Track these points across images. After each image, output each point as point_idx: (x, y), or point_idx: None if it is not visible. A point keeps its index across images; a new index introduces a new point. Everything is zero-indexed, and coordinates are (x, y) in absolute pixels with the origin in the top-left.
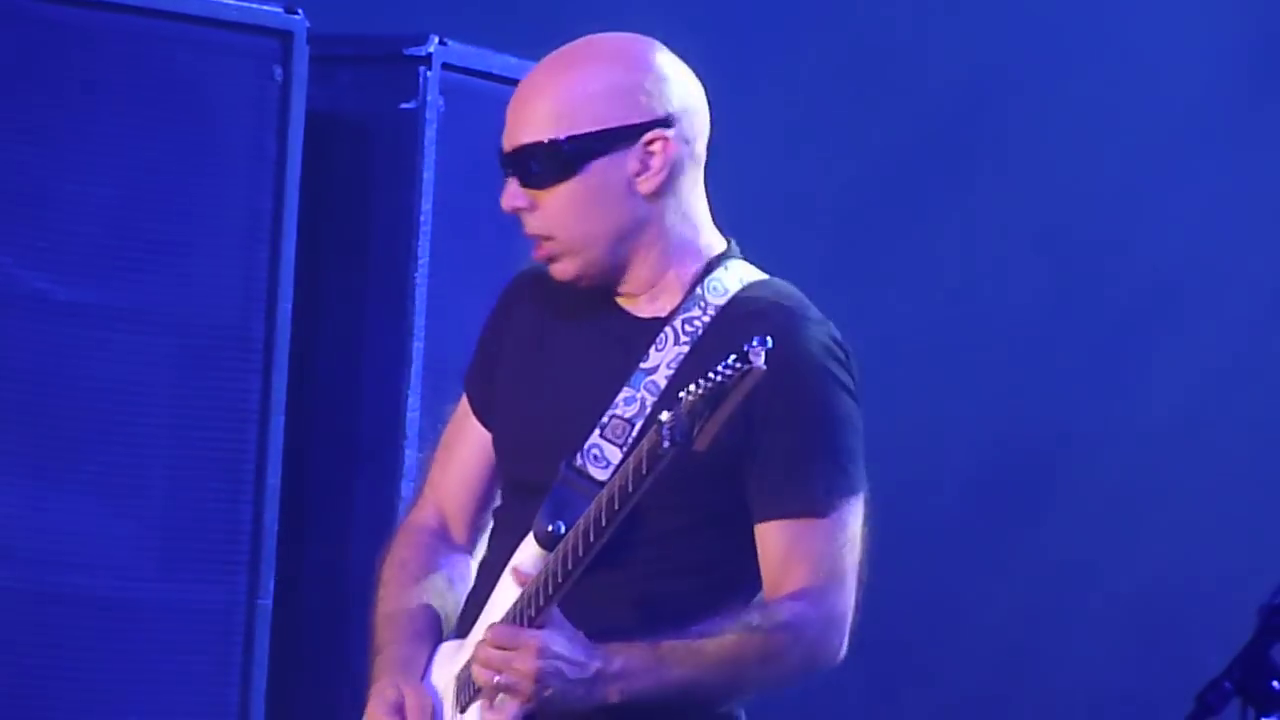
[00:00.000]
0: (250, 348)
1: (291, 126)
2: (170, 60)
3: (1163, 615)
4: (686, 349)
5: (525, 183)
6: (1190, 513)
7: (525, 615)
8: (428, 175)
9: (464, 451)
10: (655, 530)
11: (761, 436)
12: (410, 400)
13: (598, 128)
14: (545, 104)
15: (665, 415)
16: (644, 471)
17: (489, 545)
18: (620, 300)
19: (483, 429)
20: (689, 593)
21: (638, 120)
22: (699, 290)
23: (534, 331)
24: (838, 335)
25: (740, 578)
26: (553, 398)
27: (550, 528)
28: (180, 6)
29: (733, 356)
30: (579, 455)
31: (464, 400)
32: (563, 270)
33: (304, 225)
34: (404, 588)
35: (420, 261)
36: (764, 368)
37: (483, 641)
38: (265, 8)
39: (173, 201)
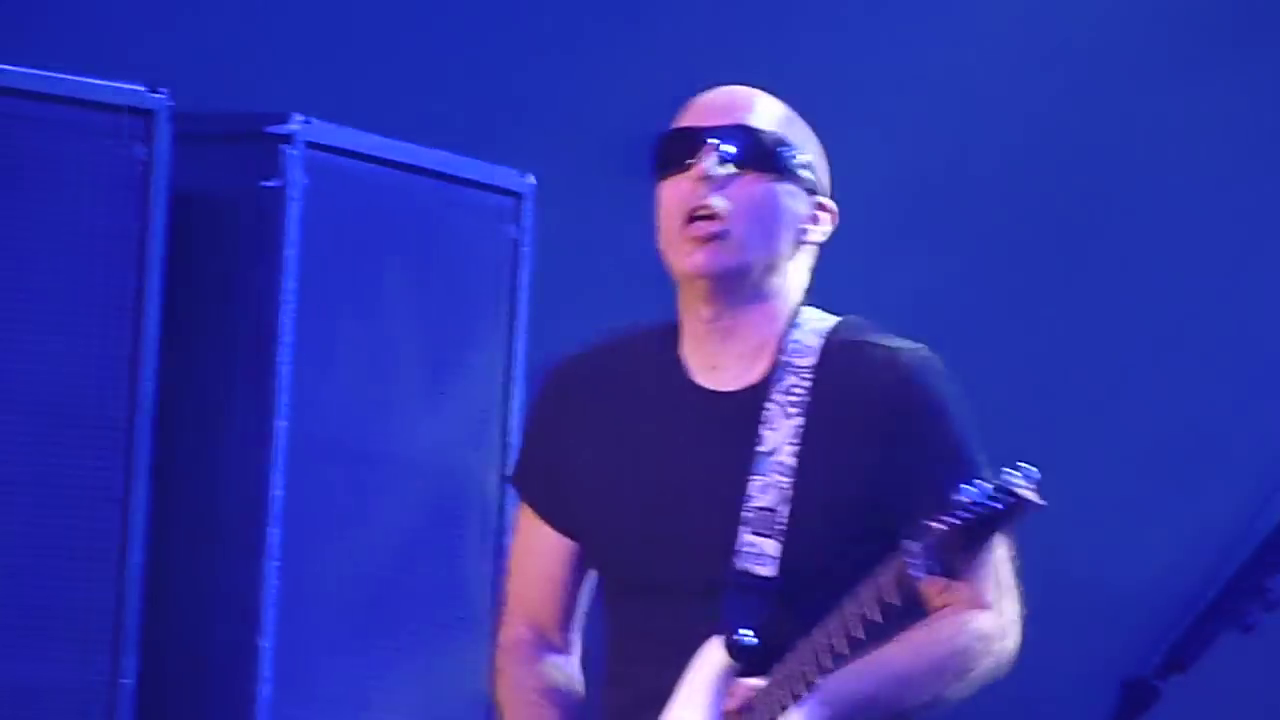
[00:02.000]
0: (112, 428)
1: (153, 205)
2: (31, 139)
3: None
4: (800, 420)
5: (731, 159)
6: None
7: None
8: (291, 253)
9: (543, 561)
10: (835, 590)
11: (902, 476)
12: (274, 479)
13: (811, 161)
14: (776, 109)
15: (912, 545)
16: (893, 600)
17: (626, 651)
18: (697, 375)
19: (558, 536)
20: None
21: (820, 174)
22: (783, 357)
23: (606, 424)
24: (927, 352)
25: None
26: (672, 495)
27: (738, 637)
28: (42, 86)
29: (994, 487)
30: (737, 558)
31: (526, 510)
32: (713, 258)
33: (167, 304)
34: (532, 707)
35: (284, 340)
36: (1042, 503)
37: None
38: (128, 86)
39: (34, 281)
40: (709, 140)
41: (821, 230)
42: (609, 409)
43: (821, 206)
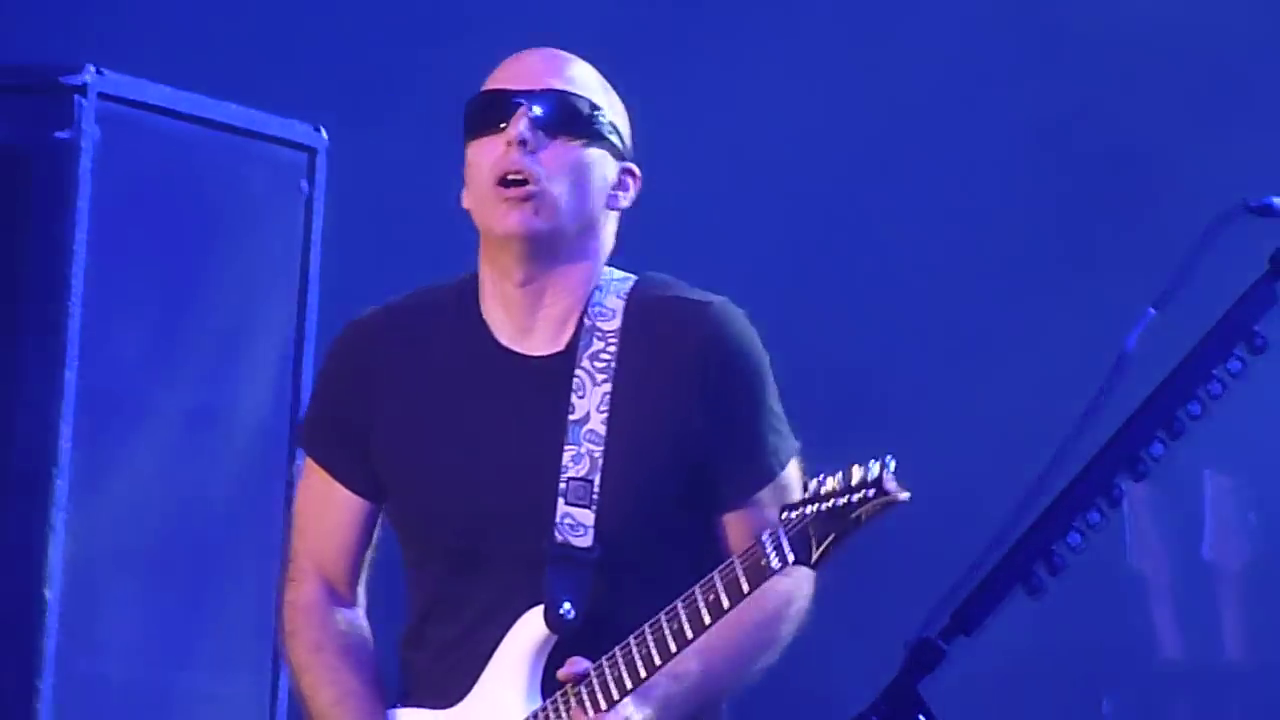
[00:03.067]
0: None
1: None
2: None
3: None
4: (609, 387)
5: (542, 125)
6: None
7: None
8: (83, 205)
9: (334, 518)
10: (651, 557)
11: (712, 428)
12: (63, 430)
13: (619, 127)
14: (586, 73)
15: (766, 534)
16: (746, 590)
17: (437, 618)
18: (504, 338)
19: (350, 493)
20: (682, 581)
21: (628, 149)
22: (587, 321)
23: (408, 386)
24: (732, 305)
25: (713, 550)
26: (488, 466)
27: (561, 611)
28: None
29: (858, 478)
30: (556, 530)
31: (313, 466)
32: (527, 221)
33: None
34: (335, 670)
35: (74, 291)
36: (906, 497)
37: None
38: None
39: None
40: (520, 103)
41: (629, 196)
42: (410, 370)
43: (629, 172)
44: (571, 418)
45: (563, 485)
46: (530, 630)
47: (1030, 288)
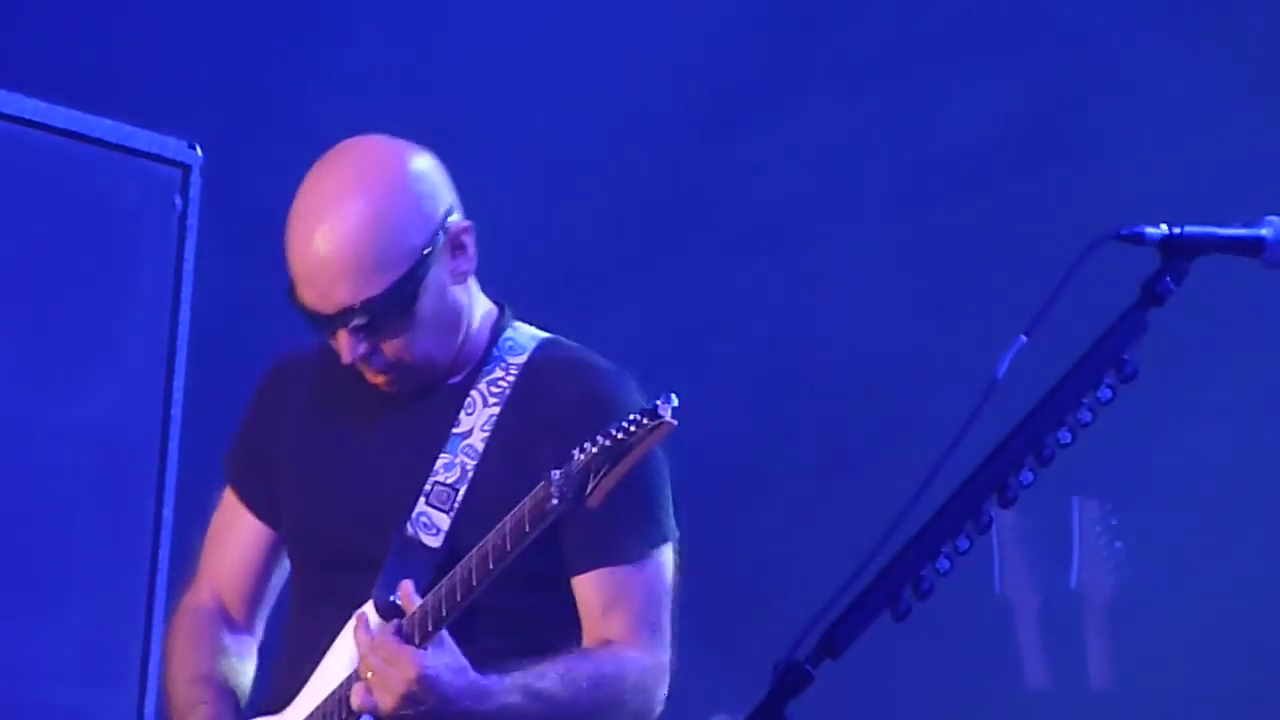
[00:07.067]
0: None
1: None
2: None
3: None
4: (497, 409)
5: (365, 332)
6: None
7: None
8: None
9: (237, 542)
10: (484, 595)
11: None
12: None
13: (417, 255)
14: (354, 258)
15: (555, 473)
16: (527, 529)
17: (300, 618)
18: None
19: (255, 520)
20: (517, 648)
21: (439, 222)
22: (496, 352)
23: (319, 411)
24: (635, 386)
25: (565, 631)
26: (364, 466)
27: (392, 598)
28: None
29: (636, 415)
30: (409, 524)
31: (228, 493)
32: (393, 387)
33: None
34: (201, 659)
35: None
36: (674, 422)
37: (372, 644)
38: None
39: None
40: (336, 326)
41: (470, 255)
42: (327, 394)
43: (457, 239)
44: (455, 430)
45: (428, 487)
46: (366, 621)
47: (903, 313)
